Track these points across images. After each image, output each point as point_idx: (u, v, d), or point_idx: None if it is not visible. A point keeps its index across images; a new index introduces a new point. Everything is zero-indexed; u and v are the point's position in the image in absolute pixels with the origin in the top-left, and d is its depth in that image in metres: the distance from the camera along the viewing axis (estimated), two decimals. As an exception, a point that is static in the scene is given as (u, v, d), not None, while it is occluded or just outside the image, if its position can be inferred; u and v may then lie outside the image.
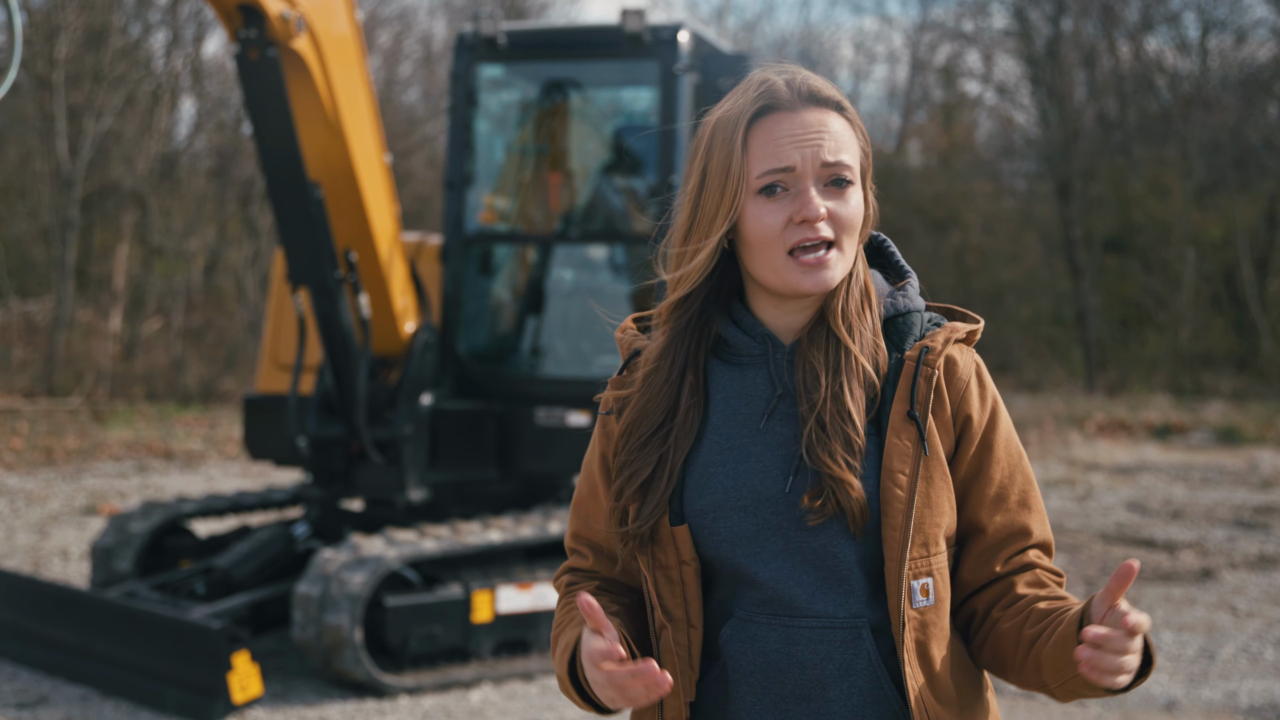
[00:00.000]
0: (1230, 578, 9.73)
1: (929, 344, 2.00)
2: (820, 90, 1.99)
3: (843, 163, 1.97)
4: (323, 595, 6.55)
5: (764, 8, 49.46)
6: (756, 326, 2.04)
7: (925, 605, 1.95)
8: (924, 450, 1.95)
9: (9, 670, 7.06)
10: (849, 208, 1.97)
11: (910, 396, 1.97)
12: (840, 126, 1.98)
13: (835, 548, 1.94)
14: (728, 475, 1.98)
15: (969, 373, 2.02)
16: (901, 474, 1.93)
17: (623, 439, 2.05)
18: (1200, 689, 7.00)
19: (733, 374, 2.04)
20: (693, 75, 7.73)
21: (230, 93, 23.01)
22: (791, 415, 1.99)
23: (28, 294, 21.74)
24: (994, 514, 2.01)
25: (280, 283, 8.17)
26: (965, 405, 2.00)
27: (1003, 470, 2.02)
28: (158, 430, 17.29)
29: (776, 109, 1.98)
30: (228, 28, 6.46)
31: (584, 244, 8.48)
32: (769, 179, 1.96)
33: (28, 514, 11.73)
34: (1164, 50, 27.63)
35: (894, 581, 1.93)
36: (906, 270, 2.13)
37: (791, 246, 1.95)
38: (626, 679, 1.84)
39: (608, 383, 2.13)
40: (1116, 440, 18.46)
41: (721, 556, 1.98)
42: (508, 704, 6.71)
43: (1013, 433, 2.06)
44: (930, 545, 1.96)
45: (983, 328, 2.08)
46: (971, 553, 2.03)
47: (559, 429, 7.72)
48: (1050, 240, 27.60)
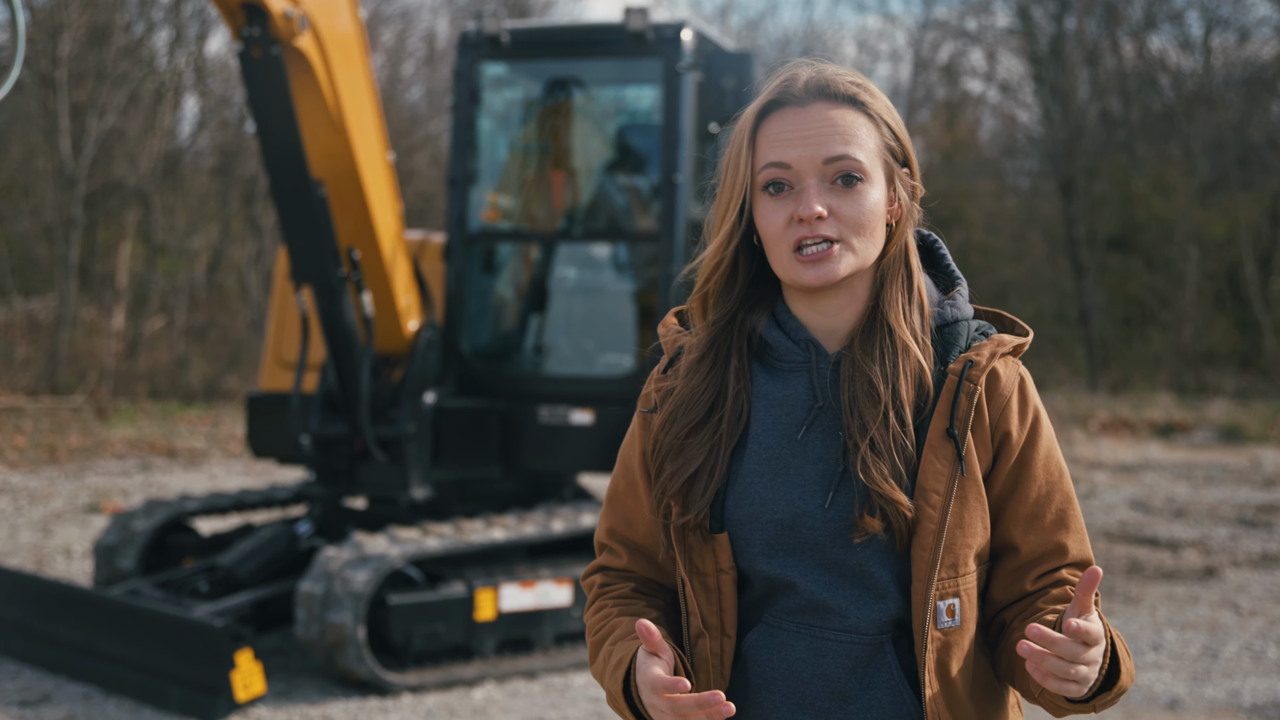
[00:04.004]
0: (1233, 576, 9.73)
1: (973, 358, 1.96)
2: (832, 84, 1.96)
3: (848, 156, 1.92)
4: (326, 593, 6.55)
5: (767, 6, 49.44)
6: (800, 331, 2.01)
7: (950, 626, 1.93)
8: (960, 470, 1.92)
9: (12, 668, 7.07)
10: (857, 206, 1.93)
11: (951, 413, 1.93)
12: (851, 120, 1.94)
13: (871, 565, 1.92)
14: (765, 487, 1.95)
15: (1011, 388, 1.97)
16: (935, 493, 1.90)
17: (664, 429, 2.01)
18: (1203, 687, 6.99)
19: (774, 381, 2.01)
20: (696, 73, 7.73)
21: (233, 91, 23.02)
22: (832, 428, 1.95)
23: (31, 292, 21.75)
24: (1028, 533, 1.98)
25: (283, 281, 8.17)
26: (1005, 422, 1.96)
27: (1039, 488, 1.98)
28: (161, 428, 17.30)
29: (784, 104, 1.96)
30: (231, 26, 6.46)
31: (587, 242, 8.48)
32: (768, 174, 1.94)
33: (31, 512, 11.73)
34: (1167, 48, 27.63)
35: (920, 601, 1.91)
36: (957, 277, 2.07)
37: (794, 244, 1.93)
38: (692, 708, 1.79)
39: (649, 378, 2.10)
40: (1120, 438, 18.46)
41: (756, 568, 1.96)
42: (510, 702, 6.71)
43: (1053, 450, 2.00)
44: (960, 566, 1.93)
45: (1031, 340, 2.03)
46: (1004, 570, 2.00)
47: (562, 427, 7.72)
48: (1053, 238, 27.59)
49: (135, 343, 21.81)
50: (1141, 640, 7.91)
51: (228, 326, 23.10)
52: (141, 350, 21.76)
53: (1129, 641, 7.86)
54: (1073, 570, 1.99)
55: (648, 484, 2.05)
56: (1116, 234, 26.47)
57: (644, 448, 2.06)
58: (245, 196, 23.58)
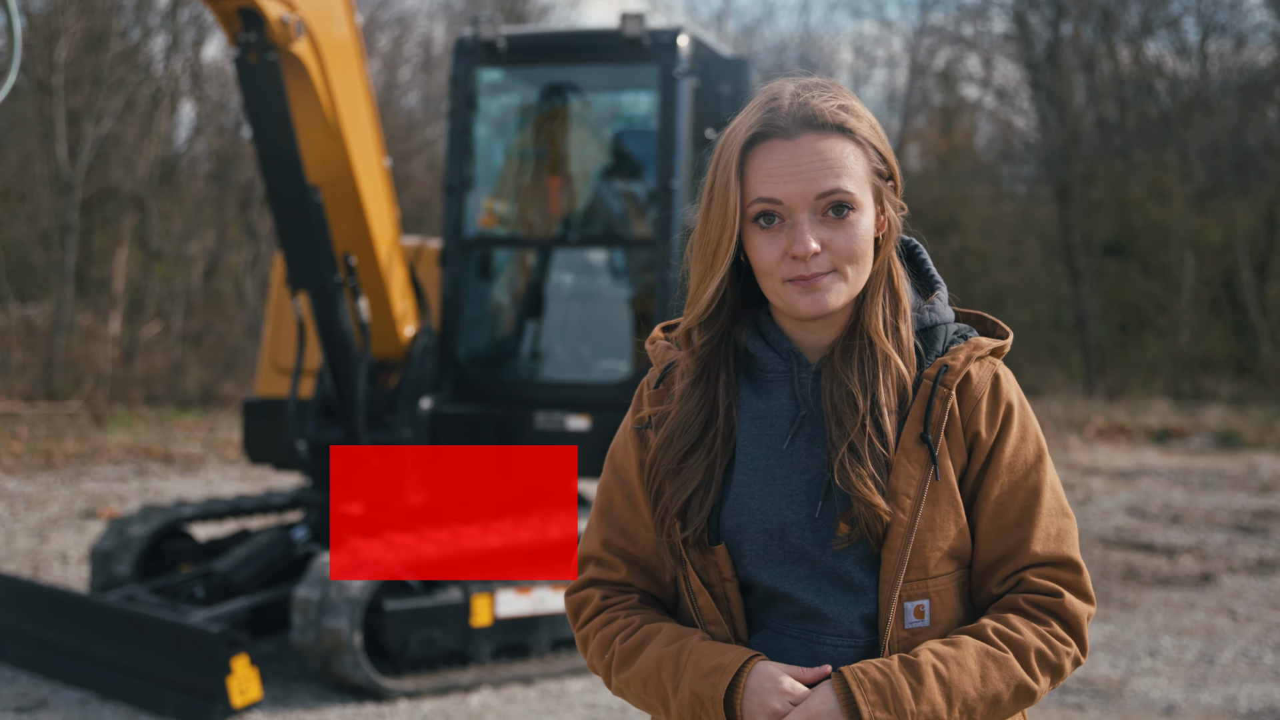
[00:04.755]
0: (1229, 582, 9.73)
1: (949, 362, 1.98)
2: (819, 114, 1.95)
3: (840, 189, 1.93)
4: (322, 599, 6.54)
5: (764, 12, 49.55)
6: (783, 341, 2.03)
7: (918, 626, 1.95)
8: (935, 475, 1.94)
9: (8, 674, 7.06)
10: (849, 236, 1.94)
11: (925, 418, 1.95)
12: (840, 151, 1.94)
13: (855, 570, 1.95)
14: (754, 498, 1.98)
15: (983, 389, 1.99)
16: (906, 497, 1.93)
17: (662, 450, 2.03)
18: (1199, 693, 6.99)
19: (758, 393, 2.03)
20: (692, 79, 7.73)
21: (230, 97, 23.02)
22: (815, 437, 1.98)
23: (27, 298, 21.74)
24: (989, 531, 1.99)
25: (280, 286, 8.17)
26: (974, 423, 1.98)
27: (1001, 486, 1.98)
28: (157, 434, 17.29)
29: (771, 136, 1.95)
30: (227, 31, 6.46)
31: (583, 248, 8.48)
32: (759, 208, 1.94)
33: (27, 518, 11.72)
34: (1164, 54, 27.64)
35: (885, 602, 1.93)
36: (936, 281, 2.09)
37: (787, 279, 1.94)
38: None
39: (641, 394, 2.11)
40: (1116, 445, 18.46)
41: (753, 577, 1.98)
42: (507, 708, 6.71)
43: (1023, 447, 2.00)
44: (929, 568, 1.95)
45: (1011, 342, 2.05)
46: (975, 572, 2.02)
47: (558, 433, 7.72)
48: (1050, 244, 27.61)
49: (131, 348, 21.80)
50: (1138, 646, 7.91)
51: (224, 332, 23.10)
52: (138, 356, 21.76)
53: (1126, 648, 7.86)
54: (1047, 571, 1.98)
55: (647, 498, 2.06)
56: (1113, 240, 26.49)
57: (640, 459, 2.07)
58: (241, 202, 23.59)
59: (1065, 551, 2.00)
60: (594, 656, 2.08)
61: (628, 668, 2.02)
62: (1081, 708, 6.75)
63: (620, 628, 2.05)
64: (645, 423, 2.08)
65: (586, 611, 2.11)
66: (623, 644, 2.03)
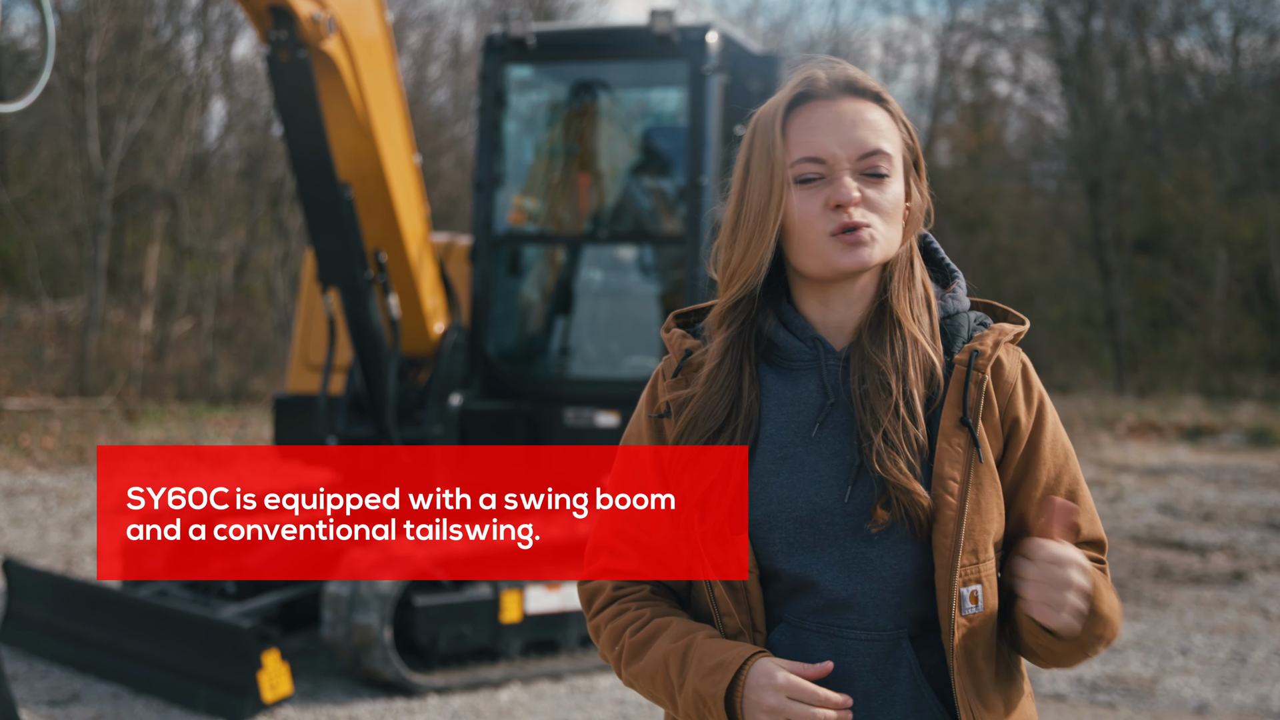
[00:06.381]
0: (1262, 580, 9.67)
1: (978, 347, 2.00)
2: (858, 80, 1.99)
3: (881, 151, 1.96)
4: (352, 594, 6.57)
5: (793, 8, 49.37)
6: (807, 329, 2.03)
7: (974, 612, 1.95)
8: (978, 457, 1.95)
9: (41, 668, 7.11)
10: (885, 196, 1.96)
11: (962, 402, 1.96)
12: (878, 117, 1.98)
13: (891, 557, 1.94)
14: (782, 486, 1.97)
15: (1015, 375, 2.02)
16: (953, 480, 1.93)
17: (682, 438, 2.02)
18: (1232, 692, 6.96)
19: (783, 380, 2.03)
20: (721, 76, 7.72)
21: (260, 94, 23.11)
22: (845, 424, 1.97)
23: (60, 294, 21.87)
24: (1042, 514, 2.00)
25: (310, 283, 8.20)
26: (1012, 408, 2.00)
27: (1049, 471, 2.02)
28: (188, 430, 17.38)
29: (813, 98, 1.98)
30: (258, 29, 6.49)
31: (613, 245, 8.48)
32: (803, 167, 1.96)
33: (60, 513, 11.80)
34: (1195, 50, 27.50)
35: (944, 589, 1.92)
36: (954, 271, 2.12)
37: (830, 231, 1.95)
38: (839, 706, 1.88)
39: (656, 384, 2.09)
40: (1147, 442, 18.37)
41: (776, 566, 1.97)
42: (536, 704, 6.72)
43: (1059, 432, 2.05)
44: (980, 552, 1.95)
45: (1028, 328, 2.07)
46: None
47: (588, 429, 7.72)
48: (1080, 241, 27.48)
49: (163, 345, 21.91)
50: (1169, 645, 7.87)
51: (255, 329, 23.19)
52: (169, 352, 21.86)
53: (1158, 646, 7.83)
54: (1090, 553, 2.03)
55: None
56: (1144, 236, 26.34)
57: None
58: (272, 199, 23.67)
59: (1101, 534, 2.07)
60: (605, 648, 2.08)
61: (637, 661, 2.02)
62: (1113, 706, 6.72)
63: (630, 620, 2.05)
64: (663, 411, 2.06)
65: (599, 601, 2.11)
66: (632, 637, 2.03)
